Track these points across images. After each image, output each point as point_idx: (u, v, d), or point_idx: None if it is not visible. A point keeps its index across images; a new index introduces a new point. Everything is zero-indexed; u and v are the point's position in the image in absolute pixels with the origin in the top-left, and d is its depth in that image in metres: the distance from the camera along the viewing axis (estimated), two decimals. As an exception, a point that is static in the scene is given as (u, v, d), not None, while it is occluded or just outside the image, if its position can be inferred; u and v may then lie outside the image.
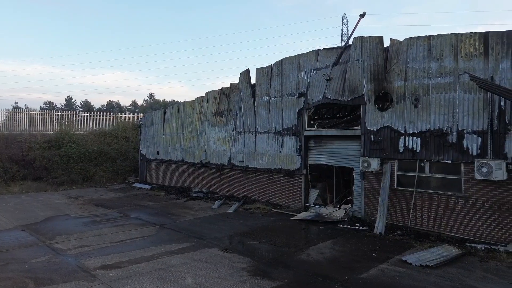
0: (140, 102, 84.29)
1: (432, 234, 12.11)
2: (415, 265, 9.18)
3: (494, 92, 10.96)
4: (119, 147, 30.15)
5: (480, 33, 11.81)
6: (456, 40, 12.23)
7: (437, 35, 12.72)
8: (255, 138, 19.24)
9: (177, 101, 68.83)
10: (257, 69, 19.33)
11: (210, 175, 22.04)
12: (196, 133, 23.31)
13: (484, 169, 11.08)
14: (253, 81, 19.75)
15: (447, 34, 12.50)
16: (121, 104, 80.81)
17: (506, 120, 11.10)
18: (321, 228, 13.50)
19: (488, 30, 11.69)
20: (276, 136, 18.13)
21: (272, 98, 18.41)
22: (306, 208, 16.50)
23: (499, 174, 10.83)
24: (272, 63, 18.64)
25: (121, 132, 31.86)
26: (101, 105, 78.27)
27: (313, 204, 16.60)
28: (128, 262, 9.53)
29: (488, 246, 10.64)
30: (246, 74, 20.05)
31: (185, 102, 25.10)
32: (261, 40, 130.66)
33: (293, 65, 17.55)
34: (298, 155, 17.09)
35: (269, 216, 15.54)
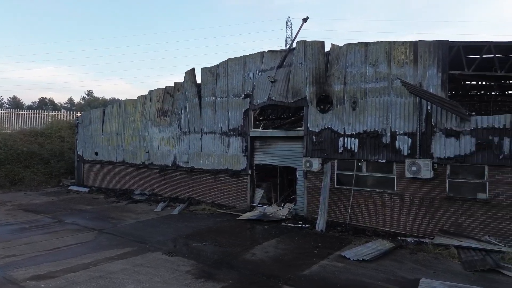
0: (77, 99, 79.33)
1: (369, 230, 12.88)
2: (353, 260, 9.69)
3: (422, 97, 11.94)
4: (53, 148, 28.06)
5: (411, 42, 12.79)
6: (389, 48, 13.12)
7: (373, 42, 13.54)
8: (200, 139, 19.02)
9: (118, 99, 65.82)
10: (202, 69, 19.13)
11: (153, 177, 21.37)
12: (138, 133, 22.46)
13: (414, 168, 12.02)
14: (198, 80, 19.51)
15: (382, 42, 13.36)
16: (56, 101, 75.41)
17: (433, 123, 12.13)
18: (266, 227, 13.72)
19: (417, 40, 12.70)
20: (222, 137, 18.08)
21: (218, 99, 18.33)
22: (252, 208, 16.67)
23: (427, 172, 11.82)
24: (218, 63, 18.57)
25: (55, 131, 29.70)
26: (32, 102, 72.45)
27: (259, 203, 16.82)
28: (62, 271, 8.91)
29: (417, 239, 11.56)
30: (191, 73, 19.75)
31: (126, 101, 24.08)
32: (206, 39, 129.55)
33: (239, 66, 17.63)
34: (244, 156, 17.20)
35: (215, 217, 15.46)
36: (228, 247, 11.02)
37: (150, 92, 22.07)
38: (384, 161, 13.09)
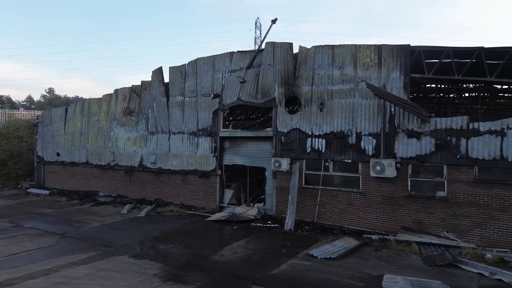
0: (36, 97, 75.49)
1: (335, 228, 13.18)
2: (320, 258, 9.89)
3: (386, 99, 12.38)
4: (11, 148, 26.59)
5: (375, 45, 13.22)
6: (355, 51, 13.49)
7: (340, 45, 13.88)
8: (168, 139, 18.70)
9: (81, 97, 63.45)
10: (170, 68, 18.82)
11: (119, 178, 20.78)
12: (103, 133, 21.75)
13: (378, 168, 12.43)
14: (166, 80, 19.19)
15: (348, 45, 13.72)
16: (13, 99, 71.41)
17: (396, 124, 12.61)
18: (235, 227, 13.71)
19: (382, 43, 13.15)
20: (191, 137, 17.88)
21: (187, 98, 18.11)
22: (221, 209, 16.60)
23: (390, 172, 12.26)
24: (187, 63, 18.36)
25: (12, 131, 28.16)
26: (-13, 100, 68.18)
27: (228, 204, 16.78)
28: (21, 278, 8.47)
29: (381, 236, 11.97)
30: (158, 72, 19.38)
31: (90, 99, 23.26)
32: (174, 38, 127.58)
33: (208, 66, 17.50)
34: (213, 156, 17.09)
35: (183, 219, 15.26)
36: (196, 249, 10.91)
37: (116, 91, 21.44)
38: (350, 161, 13.45)
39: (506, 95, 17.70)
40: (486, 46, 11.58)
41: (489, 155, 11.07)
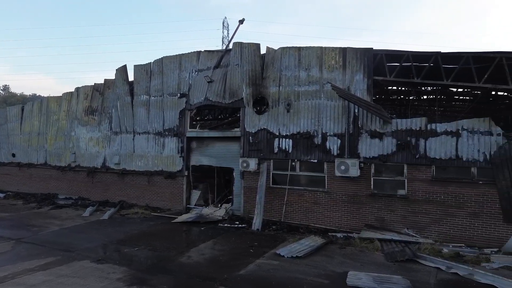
0: (-11, 95, 71.07)
1: (302, 227, 13.39)
2: (287, 257, 10.01)
3: (350, 101, 12.74)
4: (-40, 149, 24.80)
5: (340, 48, 13.57)
6: (321, 53, 13.78)
7: (306, 47, 14.12)
8: (133, 139, 18.21)
9: (39, 95, 60.41)
10: (135, 66, 18.35)
11: (80, 180, 19.97)
12: (63, 133, 20.83)
13: (343, 167, 12.77)
14: (131, 78, 18.69)
15: (314, 47, 13.98)
16: (-37, 96, 66.84)
17: (359, 125, 13.00)
18: (203, 228, 13.58)
19: (346, 46, 13.52)
20: (157, 137, 17.51)
21: (152, 97, 17.72)
22: (188, 210, 16.39)
23: (354, 171, 12.63)
24: (152, 61, 17.97)
25: (-38, 130, 26.26)
26: None
27: (195, 205, 16.59)
28: (-29, 288, 7.93)
29: (346, 234, 12.30)
30: (123, 70, 18.83)
31: (49, 98, 22.22)
32: (139, 35, 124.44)
33: (174, 65, 17.22)
34: (180, 157, 16.84)
35: (149, 221, 14.91)
36: (162, 251, 10.70)
37: (77, 89, 20.62)
38: (316, 160, 13.71)
39: (461, 97, 18.73)
40: (442, 51, 12.21)
41: (445, 155, 11.67)
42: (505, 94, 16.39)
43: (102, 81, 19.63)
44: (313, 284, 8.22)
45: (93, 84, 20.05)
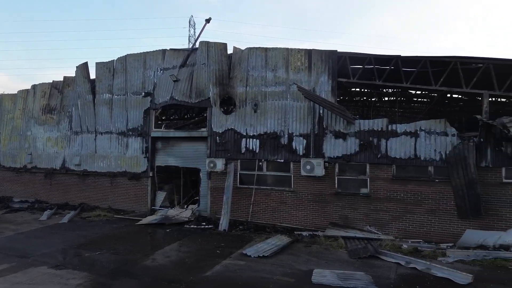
0: None
1: (268, 226, 13.49)
2: (254, 256, 10.04)
3: (315, 102, 12.99)
4: None
5: (306, 50, 13.80)
6: (287, 54, 13.95)
7: (273, 48, 14.24)
8: (95, 139, 17.57)
9: (-8, 92, 56.66)
10: (97, 64, 17.71)
11: (37, 182, 18.99)
12: (18, 132, 19.73)
13: (308, 167, 13.00)
14: (92, 76, 18.02)
15: (280, 48, 14.13)
16: None
17: (324, 125, 13.28)
18: (168, 230, 13.34)
19: (312, 48, 13.77)
20: (120, 137, 16.99)
21: (115, 96, 17.18)
22: (153, 212, 16.03)
23: (319, 170, 12.89)
24: (115, 59, 17.43)
25: None
26: None
27: (160, 206, 16.27)
28: None
29: (311, 233, 12.52)
30: (84, 67, 18.12)
31: (3, 95, 20.97)
32: (102, 32, 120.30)
33: (138, 63, 16.79)
34: (144, 157, 16.44)
35: (112, 223, 14.44)
36: (126, 255, 10.39)
37: (34, 86, 19.59)
38: (282, 160, 13.86)
39: (420, 99, 19.63)
40: (402, 55, 12.75)
41: (405, 154, 12.18)
42: (459, 96, 17.36)
43: (61, 79, 18.78)
44: (279, 283, 8.30)
45: (52, 82, 19.16)
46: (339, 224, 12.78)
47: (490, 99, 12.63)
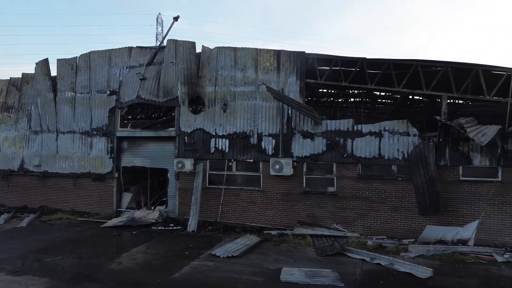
0: None
1: (238, 226, 13.49)
2: (223, 257, 10.00)
3: (284, 102, 13.14)
4: None
5: (274, 50, 13.92)
6: (256, 54, 14.00)
7: (242, 48, 14.25)
8: (56, 139, 16.84)
9: None
10: (59, 60, 16.99)
11: (-7, 184, 17.95)
12: (-28, 131, 18.54)
13: (277, 166, 13.12)
14: (53, 73, 17.26)
15: (249, 48, 14.17)
16: None
17: (293, 125, 13.46)
18: (135, 232, 13.02)
19: (280, 49, 13.91)
20: (84, 137, 16.39)
21: (79, 94, 16.55)
22: (119, 214, 15.59)
23: (288, 170, 13.04)
24: (79, 56, 16.80)
25: None
26: None
27: (127, 208, 15.85)
28: None
29: (280, 232, 12.65)
30: (44, 64, 17.31)
31: (-46, 92, 19.57)
32: (65, 27, 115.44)
33: (103, 60, 16.26)
34: (109, 157, 15.94)
35: (75, 226, 13.90)
36: (90, 259, 10.04)
37: (-11, 83, 18.49)
38: (252, 160, 13.91)
39: (384, 101, 20.32)
40: (368, 57, 13.15)
41: (370, 154, 12.57)
42: (420, 98, 18.14)
43: (20, 76, 17.85)
44: (248, 283, 8.32)
45: (9, 79, 18.16)
46: (307, 223, 12.99)
47: (448, 101, 13.30)
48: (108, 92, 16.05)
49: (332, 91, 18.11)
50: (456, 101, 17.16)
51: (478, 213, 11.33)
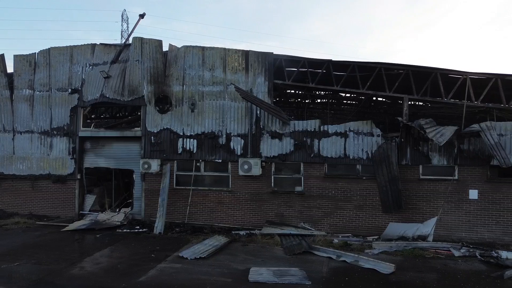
0: None
1: (206, 227, 13.38)
2: (191, 258, 9.88)
3: (253, 102, 13.18)
4: None
5: (243, 51, 13.93)
6: (225, 54, 13.96)
7: (210, 47, 14.15)
8: (13, 139, 15.96)
9: None
10: (16, 56, 16.12)
11: None
12: None
13: (246, 167, 13.14)
14: (10, 69, 16.35)
15: (218, 48, 14.10)
16: None
17: (261, 126, 13.53)
18: (98, 236, 12.58)
19: (249, 49, 13.93)
20: (43, 137, 15.63)
21: (38, 92, 15.77)
22: (82, 217, 15.01)
23: (256, 170, 13.10)
24: (37, 52, 16.00)
25: None
26: None
27: (90, 211, 15.30)
28: None
29: (249, 232, 12.68)
30: (0, 60, 16.33)
31: None
32: (22, 22, 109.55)
33: (64, 57, 15.60)
34: (71, 158, 15.32)
35: (33, 231, 13.22)
36: (50, 264, 9.58)
37: None
38: (220, 160, 13.84)
39: (349, 102, 20.87)
40: (334, 59, 13.45)
41: (336, 154, 12.87)
42: (384, 100, 18.79)
43: (-28, 71, 16.73)
44: (216, 284, 8.27)
45: (-41, 74, 16.95)
46: (276, 222, 13.10)
47: (409, 103, 13.86)
48: (70, 90, 15.41)
49: (300, 92, 18.36)
50: (417, 103, 17.92)
51: (437, 210, 11.90)
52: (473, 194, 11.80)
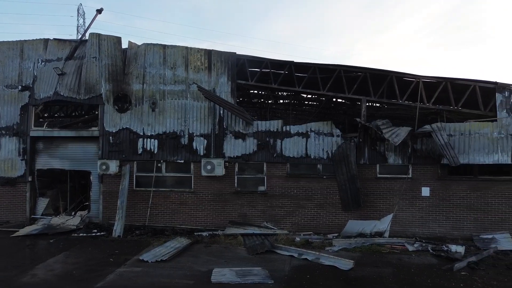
0: None
1: (167, 229, 13.11)
2: (151, 262, 9.64)
3: (216, 102, 13.10)
4: None
5: (206, 50, 13.80)
6: (187, 53, 13.75)
7: (171, 45, 13.88)
8: (-45, 139, 14.75)
9: None
10: (-42, 49, 14.89)
11: None
12: None
13: (209, 167, 13.03)
14: (-49, 63, 15.08)
15: (179, 46, 13.86)
16: None
17: (224, 126, 13.47)
18: (52, 241, 11.94)
19: (211, 49, 13.83)
20: (-10, 137, 14.59)
21: (-17, 89, 14.69)
22: (33, 221, 14.18)
23: (219, 170, 13.03)
24: (-17, 45, 14.89)
25: None
26: None
27: (43, 214, 14.50)
28: None
29: (212, 232, 12.57)
30: None
31: None
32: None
33: (14, 52, 14.67)
34: (21, 160, 14.42)
35: (-22, 238, 12.31)
36: (-2, 273, 8.97)
37: None
38: (182, 161, 13.62)
39: (310, 103, 21.31)
40: (295, 61, 13.67)
41: (297, 153, 13.09)
42: (343, 101, 19.37)
43: None
44: (178, 287, 8.13)
45: None
46: (239, 222, 13.10)
47: (367, 104, 14.37)
48: (20, 87, 14.51)
49: (263, 93, 18.50)
50: (374, 104, 18.63)
51: (393, 207, 12.45)
52: (425, 191, 12.47)
